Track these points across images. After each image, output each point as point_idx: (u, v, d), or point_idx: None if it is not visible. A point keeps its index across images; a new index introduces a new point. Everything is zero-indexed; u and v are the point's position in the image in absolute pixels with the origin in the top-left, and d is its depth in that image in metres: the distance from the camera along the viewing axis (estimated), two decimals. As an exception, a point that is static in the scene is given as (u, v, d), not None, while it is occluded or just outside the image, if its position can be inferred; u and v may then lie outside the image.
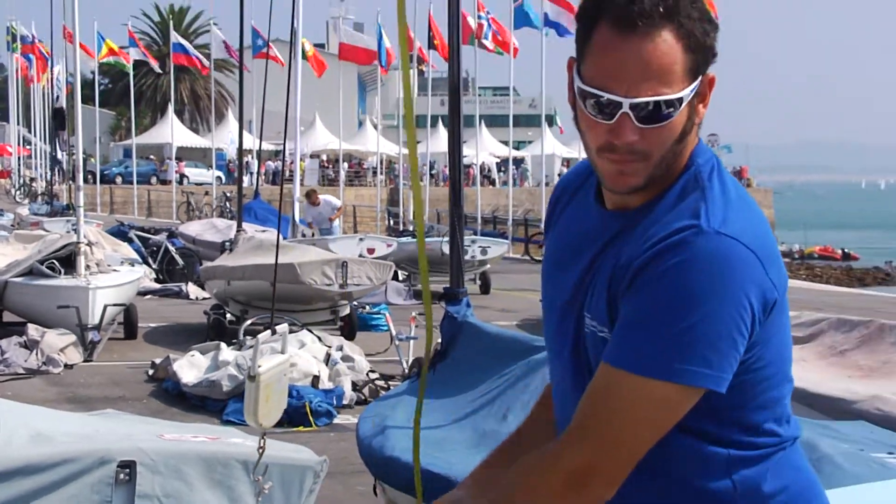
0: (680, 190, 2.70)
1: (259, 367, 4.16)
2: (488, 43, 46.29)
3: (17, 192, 52.20)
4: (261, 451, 4.55)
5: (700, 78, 2.62)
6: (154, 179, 62.95)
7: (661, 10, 2.49)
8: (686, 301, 2.51)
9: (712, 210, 2.60)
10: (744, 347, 2.59)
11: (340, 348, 16.42)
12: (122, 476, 6.05)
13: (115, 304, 19.48)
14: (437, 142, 58.34)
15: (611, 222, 2.83)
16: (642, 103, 2.52)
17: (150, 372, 16.71)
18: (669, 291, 2.53)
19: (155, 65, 63.98)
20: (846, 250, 79.46)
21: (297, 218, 31.23)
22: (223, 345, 15.90)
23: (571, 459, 2.60)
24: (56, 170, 55.31)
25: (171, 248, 29.48)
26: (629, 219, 2.76)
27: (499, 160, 62.72)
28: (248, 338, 15.70)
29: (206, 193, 57.14)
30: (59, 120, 52.82)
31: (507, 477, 2.84)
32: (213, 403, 14.19)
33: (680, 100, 2.56)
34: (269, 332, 4.11)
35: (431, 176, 61.06)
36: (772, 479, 2.81)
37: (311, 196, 32.78)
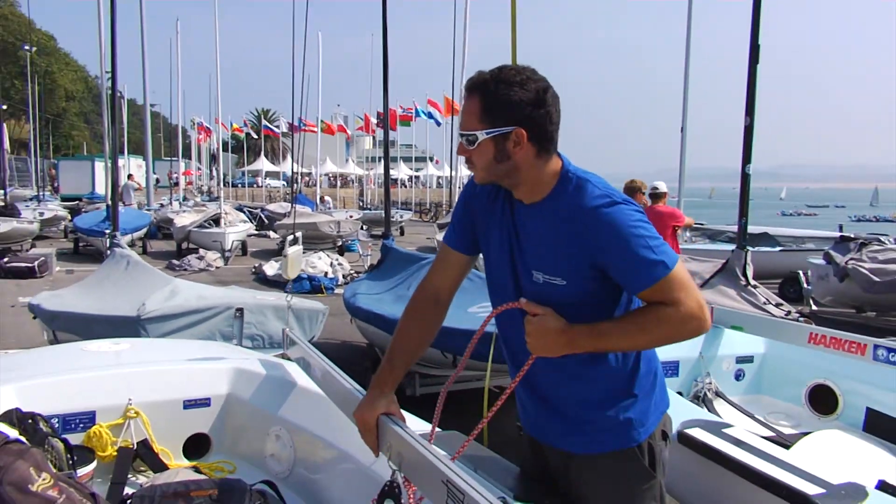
0: (573, 186, 2.14)
1: (288, 251, 4.22)
2: (406, 123, 45.89)
3: (196, 191, 51.44)
4: (289, 301, 4.66)
5: (503, 129, 2.09)
6: (255, 185, 62.15)
7: (473, 86, 2.10)
8: (640, 230, 2.06)
9: (609, 190, 2.12)
10: None
11: (337, 259, 16.43)
12: (236, 314, 6.12)
13: (237, 240, 19.41)
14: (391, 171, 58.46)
15: (519, 211, 2.25)
16: (461, 133, 2.13)
17: (253, 269, 16.57)
18: (632, 230, 2.04)
19: (253, 134, 64.51)
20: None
21: (318, 202, 31.20)
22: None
23: (690, 304, 2.04)
24: (213, 180, 56.50)
25: (262, 215, 29.32)
26: (530, 210, 2.22)
27: (408, 177, 61.85)
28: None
29: (278, 191, 56.70)
30: (213, 159, 54.75)
31: (629, 323, 2.14)
32: (281, 284, 14.04)
33: (475, 136, 2.10)
34: (290, 242, 4.17)
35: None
36: None
37: (322, 198, 32.66)
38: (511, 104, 2.08)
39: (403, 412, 2.38)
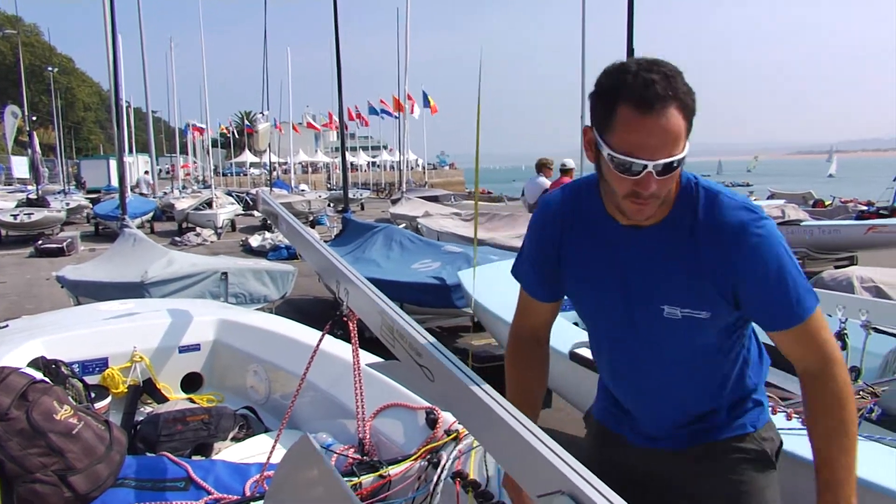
0: (703, 198, 1.43)
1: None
2: (360, 122, 44.90)
3: (193, 181, 49.49)
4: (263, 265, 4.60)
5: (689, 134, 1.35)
6: (241, 174, 59.74)
7: (669, 92, 1.29)
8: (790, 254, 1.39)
9: (748, 201, 1.43)
10: None
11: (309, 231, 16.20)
12: (222, 277, 5.96)
13: (227, 219, 18.90)
14: (351, 158, 56.88)
15: (629, 236, 1.47)
16: (667, 163, 1.31)
17: (241, 242, 16.16)
18: (779, 261, 1.38)
19: (235, 134, 62.32)
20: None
21: (292, 186, 30.69)
22: (266, 232, 15.62)
23: (841, 372, 1.38)
24: (206, 171, 54.05)
25: (247, 198, 28.32)
26: (646, 233, 1.46)
27: (367, 162, 60.39)
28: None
29: (260, 178, 54.70)
30: (210, 154, 52.40)
31: (836, 440, 1.36)
32: (264, 253, 13.81)
33: (683, 158, 1.33)
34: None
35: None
36: None
37: (299, 185, 32.20)
38: (695, 99, 1.35)
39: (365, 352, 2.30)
